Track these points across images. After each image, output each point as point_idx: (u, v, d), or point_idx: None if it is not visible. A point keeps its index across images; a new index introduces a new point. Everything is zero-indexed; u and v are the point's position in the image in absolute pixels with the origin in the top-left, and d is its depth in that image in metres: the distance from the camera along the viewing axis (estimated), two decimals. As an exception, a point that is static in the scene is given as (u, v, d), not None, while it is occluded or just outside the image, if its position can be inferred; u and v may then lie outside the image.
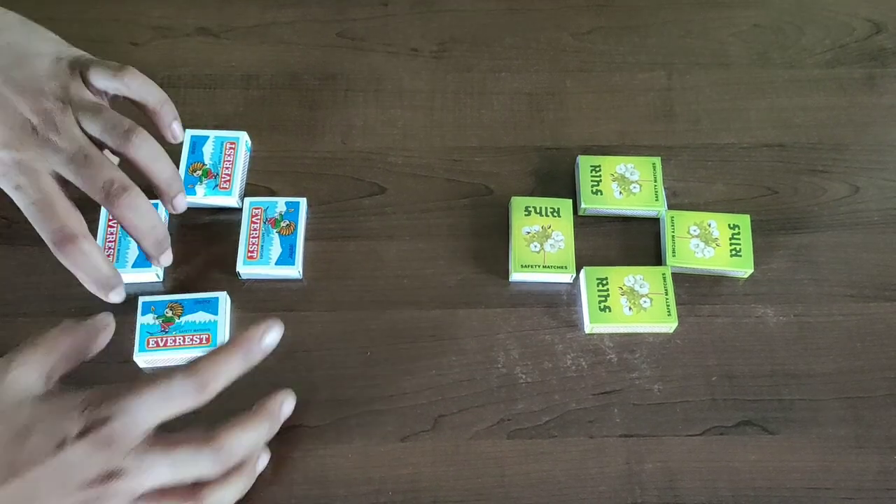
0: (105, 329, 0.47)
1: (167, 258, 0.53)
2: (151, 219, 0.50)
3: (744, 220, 0.57)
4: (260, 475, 0.49)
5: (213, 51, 0.64)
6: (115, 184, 0.49)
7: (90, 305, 0.54)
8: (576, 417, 0.52)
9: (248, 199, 0.56)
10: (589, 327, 0.54)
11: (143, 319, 0.51)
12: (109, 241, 0.55)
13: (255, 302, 0.55)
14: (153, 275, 0.54)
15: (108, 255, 0.54)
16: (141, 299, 0.52)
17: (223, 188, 0.57)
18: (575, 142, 0.61)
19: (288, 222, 0.56)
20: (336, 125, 0.61)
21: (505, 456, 0.51)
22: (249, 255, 0.54)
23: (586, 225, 0.58)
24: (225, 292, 0.53)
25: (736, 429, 0.52)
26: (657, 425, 0.52)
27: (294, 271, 0.55)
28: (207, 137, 0.58)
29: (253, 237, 0.55)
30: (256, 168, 0.59)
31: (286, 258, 0.54)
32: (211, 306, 0.52)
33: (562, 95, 0.63)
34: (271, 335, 0.46)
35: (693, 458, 0.51)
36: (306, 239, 0.56)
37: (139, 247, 0.52)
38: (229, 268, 0.55)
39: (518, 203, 0.57)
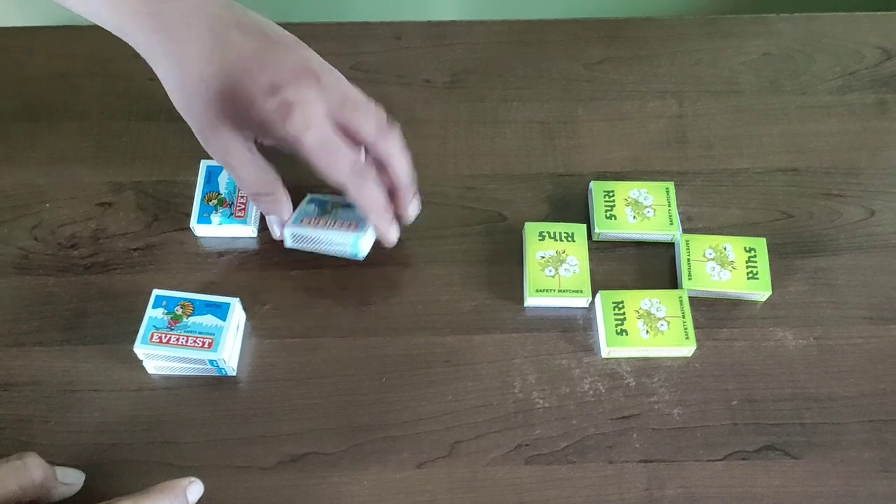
0: (70, 487, 0.48)
1: (416, 205, 0.56)
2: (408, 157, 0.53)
3: (760, 243, 0.57)
4: (275, 502, 0.49)
5: (229, 84, 0.64)
6: (384, 118, 0.51)
7: (105, 335, 0.54)
8: (594, 443, 0.51)
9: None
10: (606, 351, 0.54)
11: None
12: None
13: (270, 329, 0.55)
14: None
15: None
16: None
17: (238, 216, 0.57)
18: (588, 168, 0.61)
19: None
20: (350, 155, 0.62)
21: (523, 482, 0.50)
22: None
23: (600, 250, 0.58)
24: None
25: (758, 454, 0.51)
26: (678, 450, 0.51)
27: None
28: (222, 167, 0.59)
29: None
30: (271, 197, 0.60)
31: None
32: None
33: (574, 123, 0.63)
34: (196, 487, 0.48)
35: (715, 484, 0.50)
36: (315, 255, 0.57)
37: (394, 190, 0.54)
38: (248, 300, 0.55)
39: (532, 228, 0.57)
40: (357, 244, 0.54)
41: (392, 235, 0.55)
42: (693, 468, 0.51)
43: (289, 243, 0.56)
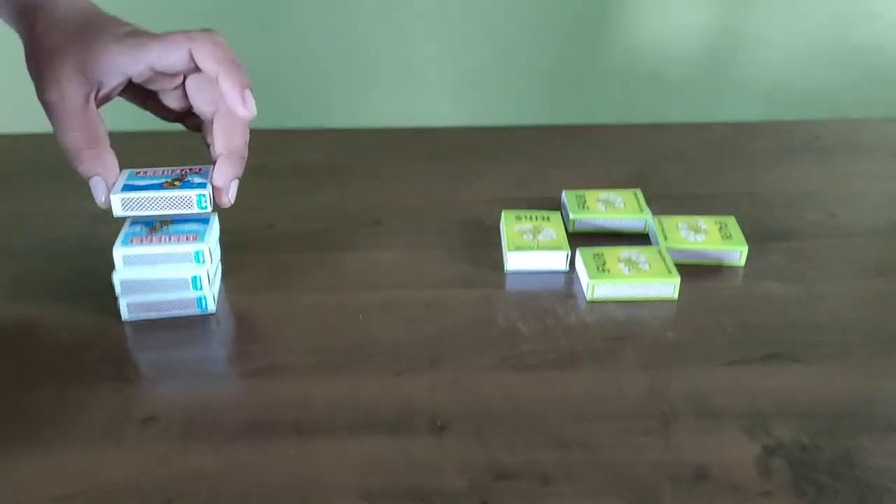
0: None
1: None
2: None
3: (730, 219, 0.58)
4: (229, 407, 0.44)
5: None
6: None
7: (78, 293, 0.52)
8: (587, 356, 0.48)
9: None
10: (590, 291, 0.52)
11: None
12: None
13: (248, 288, 0.53)
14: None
15: None
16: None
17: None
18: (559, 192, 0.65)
19: None
20: (330, 191, 0.65)
21: (511, 384, 0.46)
22: None
23: (577, 241, 0.59)
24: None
25: (764, 360, 0.47)
26: (676, 360, 0.47)
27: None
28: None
29: None
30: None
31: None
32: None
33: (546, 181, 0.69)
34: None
35: (723, 383, 0.46)
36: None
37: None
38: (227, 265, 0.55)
39: (508, 214, 0.59)
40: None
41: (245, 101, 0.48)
42: (695, 371, 0.47)
43: (118, 212, 0.49)
